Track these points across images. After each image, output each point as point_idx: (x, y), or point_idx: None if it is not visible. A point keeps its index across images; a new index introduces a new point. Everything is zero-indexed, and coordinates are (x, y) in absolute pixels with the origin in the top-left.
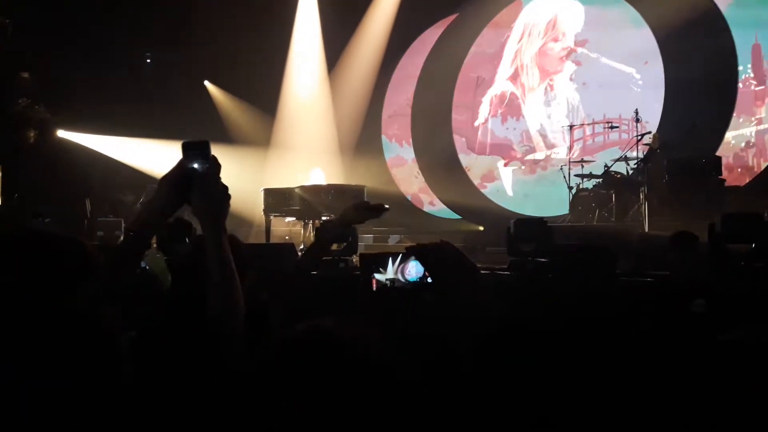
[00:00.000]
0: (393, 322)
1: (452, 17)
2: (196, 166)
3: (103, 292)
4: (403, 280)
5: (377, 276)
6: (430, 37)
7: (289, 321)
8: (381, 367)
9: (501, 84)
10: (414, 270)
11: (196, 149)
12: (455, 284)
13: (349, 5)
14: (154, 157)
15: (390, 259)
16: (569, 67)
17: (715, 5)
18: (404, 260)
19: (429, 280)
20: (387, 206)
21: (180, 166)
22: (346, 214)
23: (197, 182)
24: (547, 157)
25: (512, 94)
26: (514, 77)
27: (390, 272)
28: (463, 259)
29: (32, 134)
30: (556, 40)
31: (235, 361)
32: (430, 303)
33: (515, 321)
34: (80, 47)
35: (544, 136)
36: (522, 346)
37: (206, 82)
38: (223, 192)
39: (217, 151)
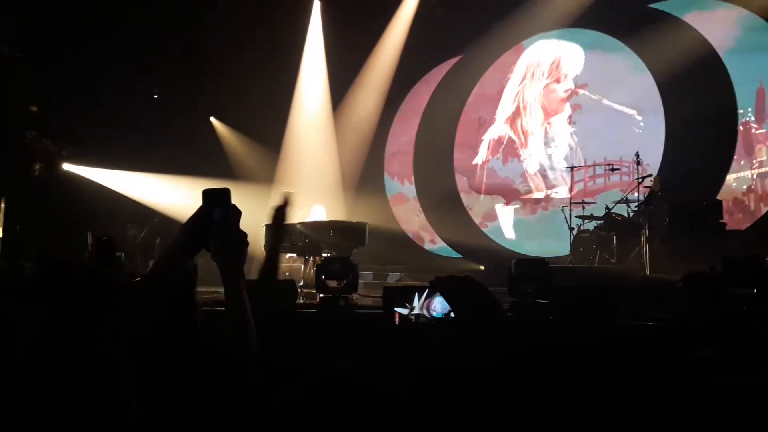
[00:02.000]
0: (415, 357)
1: (456, 59)
2: (216, 213)
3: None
4: (428, 315)
5: (399, 310)
6: (433, 77)
7: (295, 358)
8: (412, 408)
9: (499, 127)
10: (440, 306)
11: (216, 196)
12: (477, 318)
13: (355, 44)
14: (159, 191)
15: (416, 294)
16: (569, 109)
17: (714, 51)
18: (430, 295)
19: (453, 315)
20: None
21: (200, 212)
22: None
23: (216, 229)
24: (548, 197)
25: (517, 136)
26: (514, 119)
27: (416, 307)
28: (488, 296)
29: (38, 167)
30: (558, 81)
31: (246, 399)
32: (451, 337)
33: (534, 354)
34: (89, 82)
35: (545, 177)
36: (534, 383)
37: (212, 119)
38: (242, 239)
39: (220, 186)
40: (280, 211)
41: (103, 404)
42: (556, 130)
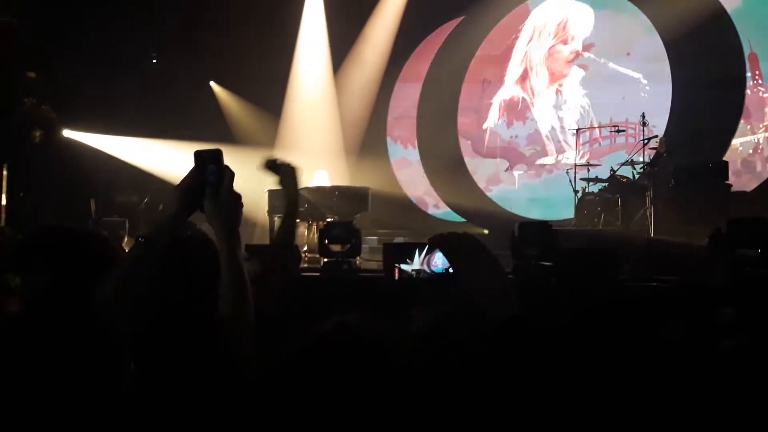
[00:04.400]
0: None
1: (459, 20)
2: (209, 174)
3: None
4: (428, 271)
5: (402, 266)
6: (436, 39)
7: (297, 322)
8: (407, 363)
9: (510, 88)
10: (440, 261)
11: (209, 157)
12: (475, 275)
13: (356, 7)
14: (159, 157)
15: (417, 250)
16: (576, 71)
17: (725, 11)
18: (430, 251)
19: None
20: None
21: (193, 174)
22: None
23: (210, 190)
24: (555, 162)
25: (522, 99)
26: (523, 79)
27: (416, 263)
28: (485, 252)
29: (38, 134)
30: (565, 42)
31: (246, 364)
32: (452, 294)
33: (531, 316)
34: (87, 47)
35: (550, 140)
36: (538, 341)
37: (212, 83)
38: (236, 200)
39: (222, 151)
40: (289, 175)
41: (100, 366)
42: (565, 93)
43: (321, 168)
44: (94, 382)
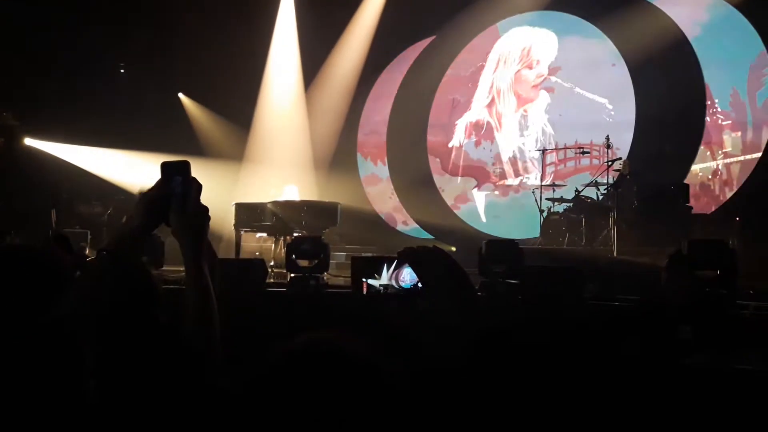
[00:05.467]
0: (384, 327)
1: (430, 39)
2: (175, 186)
3: (76, 307)
4: (396, 286)
5: (370, 281)
6: (407, 57)
7: (264, 339)
8: (384, 377)
9: (477, 111)
10: (408, 277)
11: (175, 169)
12: (445, 291)
13: (328, 22)
14: (125, 168)
15: (385, 264)
16: (543, 95)
17: (687, 39)
18: (399, 266)
19: (420, 286)
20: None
21: (159, 185)
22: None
23: (176, 203)
24: (520, 183)
25: (488, 123)
26: (490, 105)
27: (384, 278)
28: (455, 267)
29: None
30: (530, 67)
31: (211, 381)
32: (421, 309)
33: (502, 331)
34: (52, 54)
35: (516, 162)
36: (508, 356)
37: (180, 95)
38: (203, 213)
39: (189, 162)
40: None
41: (60, 386)
42: (531, 117)
43: (290, 182)
44: (52, 401)
